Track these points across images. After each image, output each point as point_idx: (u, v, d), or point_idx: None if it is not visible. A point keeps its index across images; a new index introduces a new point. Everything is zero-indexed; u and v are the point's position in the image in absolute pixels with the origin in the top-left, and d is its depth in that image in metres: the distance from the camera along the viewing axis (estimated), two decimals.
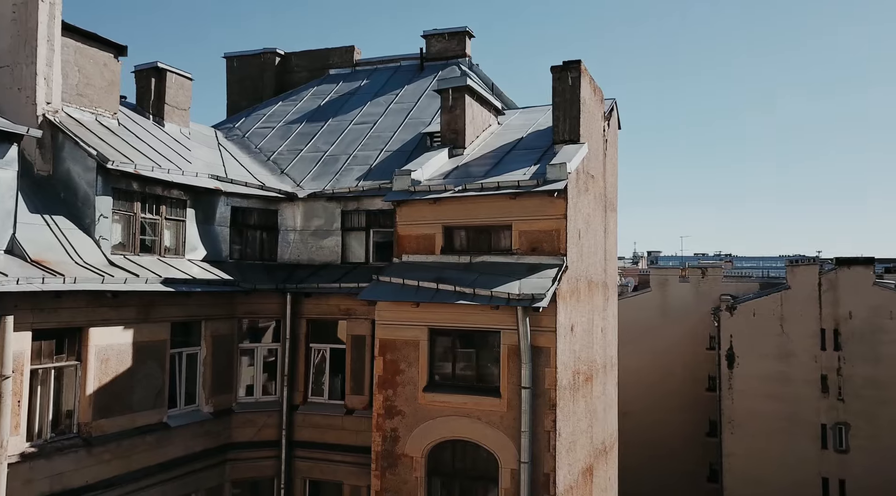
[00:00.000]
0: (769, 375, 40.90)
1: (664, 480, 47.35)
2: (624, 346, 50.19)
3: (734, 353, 42.68)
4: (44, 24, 13.22)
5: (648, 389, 49.10)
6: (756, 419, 40.67)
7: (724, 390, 42.55)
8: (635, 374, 49.80)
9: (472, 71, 20.85)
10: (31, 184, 12.60)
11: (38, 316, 10.74)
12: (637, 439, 48.64)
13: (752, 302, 42.81)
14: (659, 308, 51.37)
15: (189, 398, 13.95)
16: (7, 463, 10.06)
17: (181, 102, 18.20)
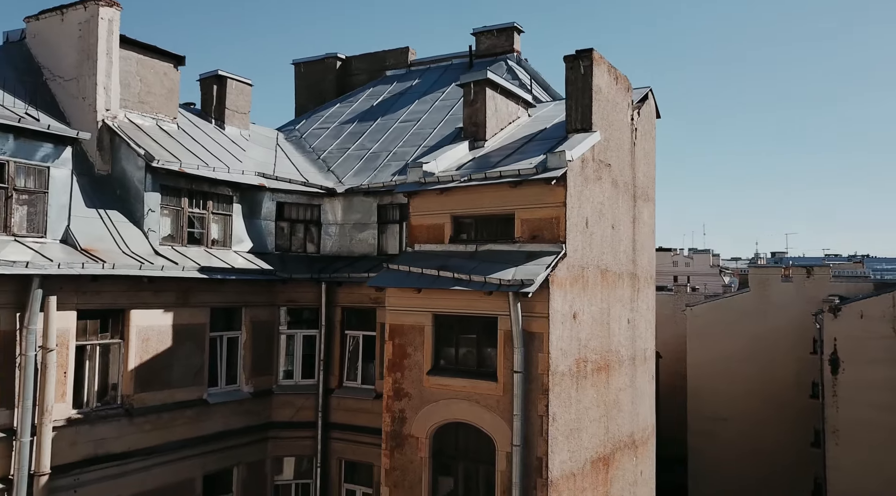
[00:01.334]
0: (879, 383, 37.85)
1: (765, 494, 44.89)
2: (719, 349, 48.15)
3: (838, 358, 39.86)
4: (103, 39, 14.74)
5: (747, 395, 46.78)
6: (864, 430, 37.72)
7: (827, 398, 39.82)
8: (732, 379, 47.60)
9: (519, 66, 21.02)
10: (91, 182, 14.09)
11: (81, 297, 12.09)
12: (735, 448, 46.45)
13: (858, 303, 39.85)
14: (758, 309, 48.76)
15: (230, 378, 15.07)
16: (53, 426, 11.42)
17: (241, 106, 19.56)
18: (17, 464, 10.96)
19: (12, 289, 11.05)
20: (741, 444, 46.01)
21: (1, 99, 12.95)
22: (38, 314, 11.19)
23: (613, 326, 13.79)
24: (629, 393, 14.61)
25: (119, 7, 15.12)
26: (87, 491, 12.09)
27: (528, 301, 11.16)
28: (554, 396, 11.14)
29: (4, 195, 11.87)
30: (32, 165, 12.31)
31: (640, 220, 15.51)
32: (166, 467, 13.38)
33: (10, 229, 11.90)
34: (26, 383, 11.04)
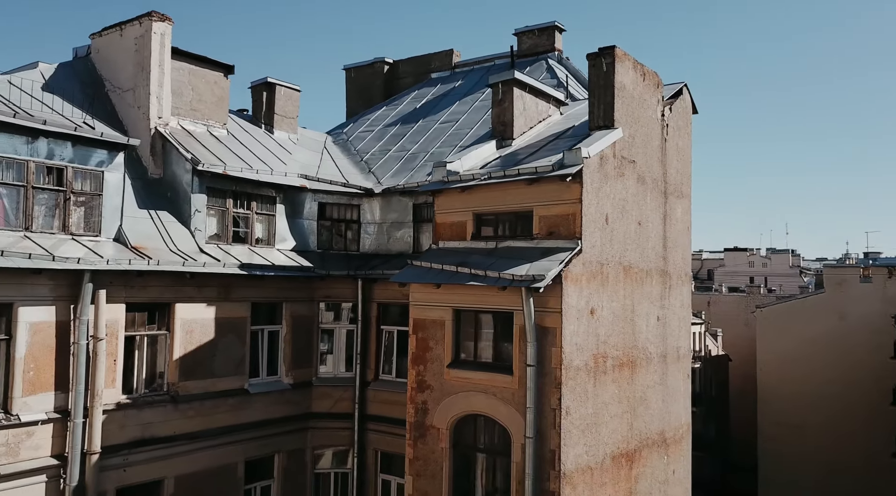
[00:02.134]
0: None
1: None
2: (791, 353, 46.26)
3: None
4: (156, 51, 15.82)
5: (822, 401, 44.92)
6: None
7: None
8: (805, 384, 45.75)
9: (560, 64, 21.12)
10: (144, 185, 15.18)
11: (129, 291, 13.10)
12: (808, 455, 44.66)
13: None
14: (834, 311, 46.71)
15: (271, 370, 15.88)
16: (103, 409, 12.43)
17: (289, 111, 20.48)
18: (71, 443, 12.00)
19: (67, 283, 12.11)
20: (814, 452, 44.18)
21: (61, 109, 14.11)
22: (88, 306, 12.22)
23: (640, 323, 13.77)
24: (659, 390, 14.53)
25: (171, 22, 16.17)
26: (136, 470, 13.07)
27: (541, 296, 11.37)
28: (568, 390, 11.30)
29: (63, 197, 12.99)
30: (88, 170, 13.41)
31: (673, 217, 15.38)
32: (209, 451, 14.27)
33: (69, 229, 13.01)
34: (78, 369, 12.09)
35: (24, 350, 11.65)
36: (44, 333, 11.87)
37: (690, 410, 16.13)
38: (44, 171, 12.78)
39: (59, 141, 12.92)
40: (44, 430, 11.80)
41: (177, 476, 13.73)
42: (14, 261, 11.21)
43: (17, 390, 11.54)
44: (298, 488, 16.14)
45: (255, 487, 15.45)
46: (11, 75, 14.99)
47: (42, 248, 11.88)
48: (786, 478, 45.08)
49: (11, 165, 12.39)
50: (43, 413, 11.79)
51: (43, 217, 12.77)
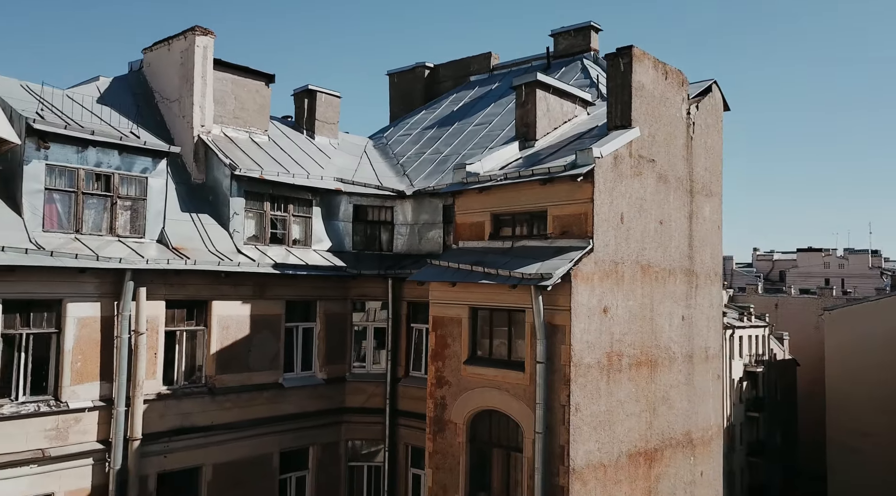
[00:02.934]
0: None
1: None
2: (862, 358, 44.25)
3: None
4: (199, 63, 16.79)
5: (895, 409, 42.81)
6: None
7: None
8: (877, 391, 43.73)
9: (595, 64, 21.13)
10: (188, 189, 16.13)
11: (169, 289, 14.00)
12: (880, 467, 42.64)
13: None
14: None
15: (305, 365, 16.58)
16: (144, 399, 13.36)
17: (330, 117, 21.25)
18: (114, 429, 12.95)
19: (111, 282, 13.08)
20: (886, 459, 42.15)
21: (111, 119, 15.16)
22: (130, 302, 13.15)
23: (661, 322, 13.75)
24: (684, 390, 14.44)
25: (213, 35, 17.13)
26: (176, 457, 13.95)
27: (551, 294, 11.57)
28: (577, 387, 11.46)
29: (110, 202, 14.01)
30: (133, 176, 14.40)
31: (700, 216, 15.25)
32: (245, 441, 15.05)
33: (115, 231, 14.02)
34: (121, 361, 13.03)
35: (73, 342, 12.66)
36: (90, 327, 12.86)
37: (721, 412, 15.90)
38: (93, 178, 13.82)
39: (107, 149, 13.93)
40: (90, 417, 12.78)
41: (214, 464, 14.55)
42: (62, 260, 12.22)
43: (66, 379, 12.56)
44: (332, 480, 16.78)
45: (291, 478, 16.16)
46: (71, 90, 16.22)
47: (89, 249, 12.88)
48: (857, 486, 43.18)
49: (63, 173, 13.46)
50: (89, 401, 12.78)
51: (92, 220, 13.80)
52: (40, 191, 13.05)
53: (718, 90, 16.22)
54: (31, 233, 12.65)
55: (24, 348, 12.30)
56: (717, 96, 16.15)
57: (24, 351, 12.29)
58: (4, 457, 11.75)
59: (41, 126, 12.97)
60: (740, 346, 51.33)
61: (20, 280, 12.03)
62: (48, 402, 12.37)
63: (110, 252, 13.16)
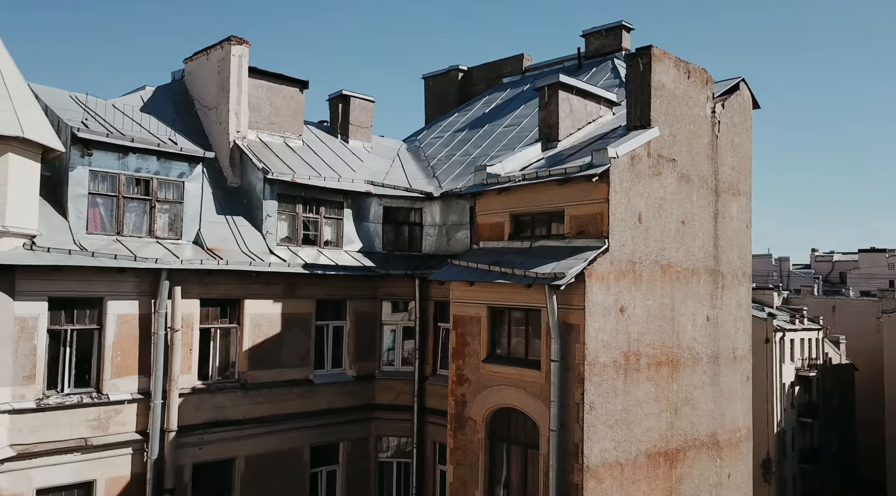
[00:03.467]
0: None
1: None
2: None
3: None
4: (234, 72, 17.48)
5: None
6: None
7: None
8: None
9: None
10: (224, 193, 16.82)
11: (203, 288, 14.66)
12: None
13: None
14: None
15: (336, 362, 17.07)
16: (179, 392, 14.03)
17: (363, 121, 21.77)
18: (152, 421, 13.66)
19: (148, 281, 13.80)
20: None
21: (149, 125, 15.93)
22: (165, 300, 13.85)
23: (683, 322, 13.70)
24: (709, 391, 14.34)
25: (248, 44, 17.80)
26: (210, 448, 14.60)
27: (565, 294, 11.71)
28: (592, 386, 11.56)
29: (149, 205, 14.75)
30: (171, 181, 15.12)
31: (726, 215, 15.11)
32: (277, 435, 15.61)
33: (154, 233, 14.75)
34: (157, 356, 13.74)
35: (113, 338, 13.42)
36: (129, 324, 13.60)
37: (751, 414, 15.69)
38: (133, 183, 14.58)
39: (146, 155, 14.68)
40: (129, 409, 13.52)
41: (247, 456, 15.16)
42: (103, 260, 12.98)
43: (107, 373, 13.32)
44: (363, 474, 17.22)
45: (322, 471, 16.67)
46: (118, 99, 17.12)
47: (128, 250, 13.62)
48: None
49: (106, 178, 14.25)
50: (128, 393, 13.52)
51: (133, 222, 14.57)
52: (84, 195, 13.85)
53: (747, 88, 16.03)
54: (76, 234, 13.45)
55: (69, 343, 13.09)
56: (745, 94, 15.96)
57: (68, 345, 13.09)
58: (52, 444, 12.54)
59: (85, 134, 13.77)
60: (791, 350, 49.88)
61: (65, 279, 12.83)
62: (91, 394, 13.14)
63: (148, 253, 13.88)
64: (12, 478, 12.15)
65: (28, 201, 12.53)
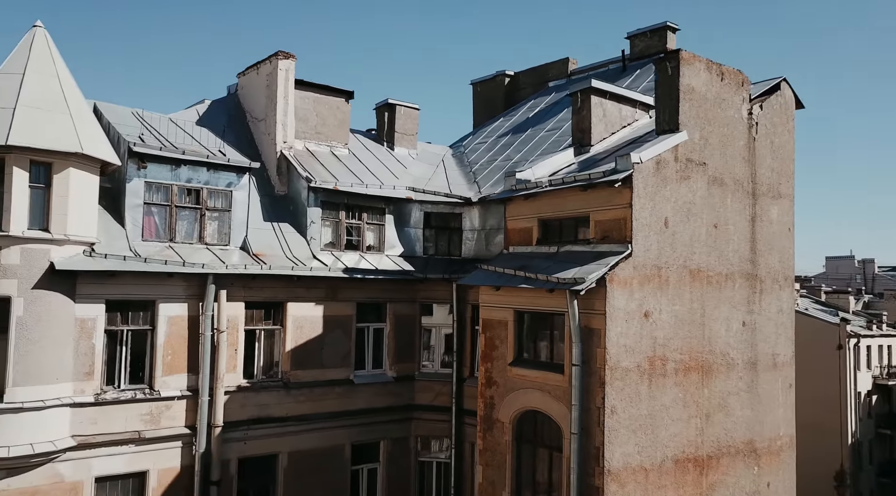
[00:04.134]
0: None
1: None
2: None
3: None
4: (281, 85, 18.33)
5: None
6: None
7: None
8: None
9: None
10: (271, 201, 17.66)
11: (247, 292, 15.47)
12: None
13: None
14: None
15: (376, 363, 17.63)
16: (224, 390, 14.87)
17: (409, 129, 22.33)
18: (199, 416, 14.53)
19: (196, 285, 14.69)
20: None
21: (202, 138, 16.90)
22: (212, 303, 14.70)
23: (716, 327, 13.56)
24: (745, 398, 14.12)
25: (294, 58, 18.62)
26: (254, 444, 15.38)
27: (587, 299, 11.84)
28: (613, 390, 11.64)
29: (199, 213, 15.69)
30: (220, 190, 16.02)
31: (765, 219, 14.82)
32: (318, 433, 16.28)
33: (204, 239, 15.68)
34: (204, 356, 14.61)
35: (164, 338, 14.36)
36: (178, 325, 14.52)
37: (794, 422, 15.31)
38: (184, 192, 15.54)
39: (196, 167, 15.62)
40: (179, 405, 14.43)
41: (290, 452, 15.88)
42: (154, 266, 13.94)
43: (158, 371, 14.26)
44: (403, 473, 17.71)
45: (362, 469, 17.25)
46: (176, 114, 18.27)
47: (178, 256, 14.56)
48: None
49: (160, 188, 15.26)
50: (178, 390, 14.43)
51: (184, 230, 15.52)
52: (140, 205, 14.88)
53: (789, 88, 15.67)
54: (132, 242, 14.48)
55: (124, 342, 14.11)
56: (786, 94, 15.61)
57: (124, 345, 14.10)
58: (108, 436, 13.56)
59: (140, 148, 14.80)
60: (868, 357, 47.55)
61: (120, 283, 13.84)
62: (143, 390, 14.11)
63: (197, 259, 14.78)
64: (74, 466, 13.20)
65: (88, 211, 13.60)
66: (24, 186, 12.72)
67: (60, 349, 12.98)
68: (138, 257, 14.00)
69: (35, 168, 12.86)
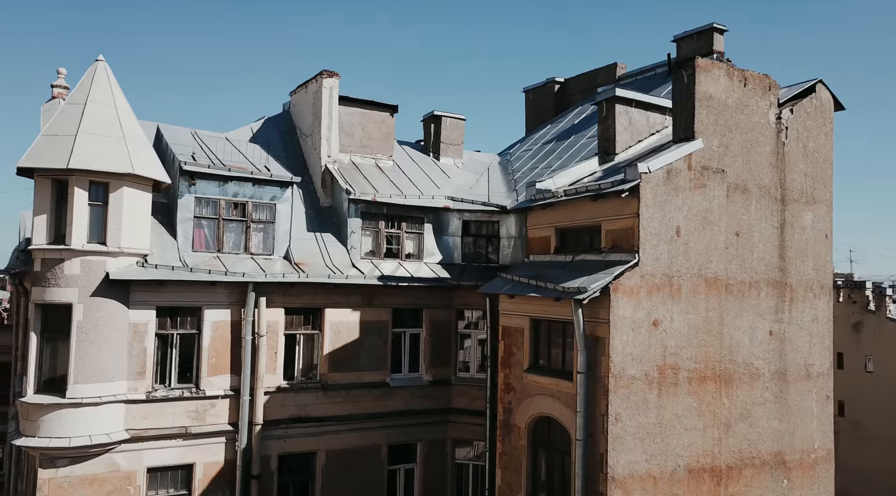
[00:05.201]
0: None
1: None
2: None
3: None
4: (325, 102, 19.38)
5: None
6: None
7: None
8: None
9: None
10: (316, 212, 18.70)
11: (287, 299, 16.49)
12: None
13: None
14: None
15: (413, 367, 18.30)
16: (264, 391, 15.93)
17: (454, 139, 22.96)
18: (241, 414, 15.65)
19: (237, 292, 15.83)
20: None
21: (251, 154, 18.12)
22: (252, 310, 15.80)
23: (738, 337, 13.39)
24: (773, 409, 13.83)
25: (338, 76, 19.64)
26: (293, 442, 16.38)
27: (592, 307, 12.03)
28: (617, 398, 11.78)
29: (245, 226, 16.88)
30: (264, 203, 17.16)
31: (797, 225, 14.46)
32: (355, 433, 17.11)
33: (249, 249, 16.84)
34: (245, 358, 15.72)
35: (208, 342, 15.57)
36: (222, 330, 15.70)
37: (831, 435, 14.81)
38: (231, 206, 16.76)
39: (241, 182, 16.81)
40: (223, 403, 15.60)
41: (327, 450, 16.78)
42: (198, 275, 15.16)
43: (204, 371, 15.48)
44: (440, 474, 18.27)
45: (399, 469, 17.94)
46: (232, 133, 19.67)
47: (222, 266, 15.74)
48: None
49: (208, 203, 16.53)
50: (222, 390, 15.60)
51: (232, 241, 16.73)
52: (190, 218, 16.18)
53: (826, 90, 15.20)
54: (182, 252, 15.79)
55: (174, 345, 15.41)
56: (823, 96, 15.15)
57: (173, 347, 15.41)
58: (159, 430, 14.87)
59: (190, 167, 16.11)
60: None
61: (169, 291, 15.14)
62: (191, 389, 15.36)
63: (242, 268, 15.93)
64: (128, 457, 14.57)
65: (141, 225, 14.97)
66: (84, 204, 14.20)
67: (116, 350, 14.38)
68: (184, 267, 15.25)
69: (94, 187, 14.32)
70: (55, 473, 13.84)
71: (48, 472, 13.79)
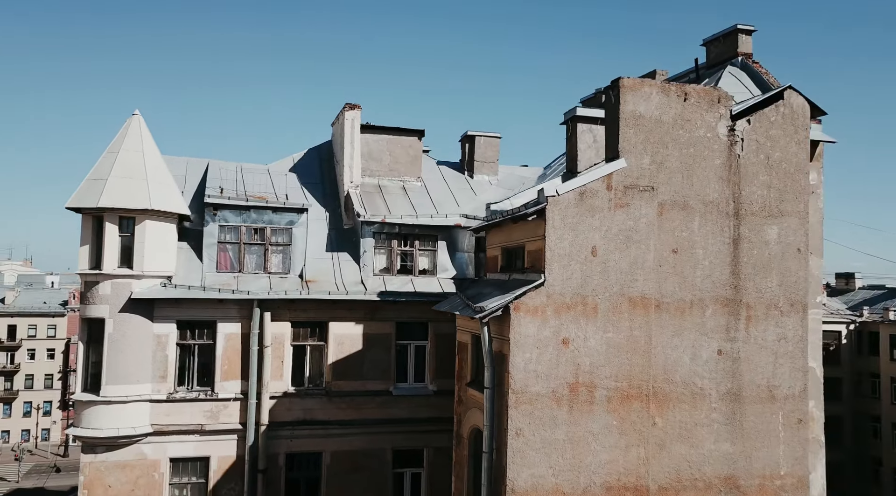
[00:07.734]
0: None
1: None
2: None
3: None
4: (348, 132, 21.25)
5: None
6: None
7: None
8: None
9: (744, 70, 19.48)
10: (338, 234, 20.59)
11: (293, 313, 18.43)
12: None
13: None
14: None
15: (418, 377, 19.45)
16: (270, 395, 17.97)
17: (489, 157, 23.92)
18: (248, 415, 17.80)
19: (246, 307, 18.04)
20: None
21: (279, 183, 20.36)
22: (257, 323, 17.92)
23: (675, 355, 13.11)
24: (723, 430, 13.31)
25: (359, 108, 21.46)
26: (300, 442, 18.24)
27: (498, 326, 12.56)
28: (519, 413, 12.19)
29: (265, 248, 19.13)
30: (282, 227, 19.32)
31: (755, 240, 13.77)
32: (360, 436, 18.60)
33: (268, 270, 19.05)
34: (251, 367, 17.86)
35: (221, 351, 17.91)
36: (233, 341, 17.98)
37: (805, 461, 13.85)
38: (252, 231, 19.09)
39: (260, 210, 19.09)
40: (234, 405, 17.84)
41: (332, 451, 18.45)
42: (210, 293, 17.57)
43: (218, 377, 17.84)
44: (447, 479, 19.18)
45: (406, 472, 19.16)
46: (273, 164, 22.22)
47: (236, 285, 18.05)
48: None
49: (231, 229, 18.98)
50: (233, 393, 17.86)
51: (253, 263, 19.05)
52: (214, 244, 18.71)
53: (799, 96, 14.29)
54: (205, 273, 18.33)
55: (193, 353, 17.94)
56: (796, 103, 14.25)
57: (192, 355, 17.94)
58: (178, 426, 17.42)
59: (212, 199, 18.64)
60: None
61: (188, 307, 17.69)
62: (206, 392, 17.78)
63: (251, 287, 18.13)
64: (153, 447, 17.26)
65: (164, 251, 17.67)
66: (115, 236, 17.14)
67: (141, 357, 17.14)
68: (201, 287, 17.72)
69: (123, 221, 17.24)
70: (94, 458, 16.83)
71: (88, 457, 16.82)
